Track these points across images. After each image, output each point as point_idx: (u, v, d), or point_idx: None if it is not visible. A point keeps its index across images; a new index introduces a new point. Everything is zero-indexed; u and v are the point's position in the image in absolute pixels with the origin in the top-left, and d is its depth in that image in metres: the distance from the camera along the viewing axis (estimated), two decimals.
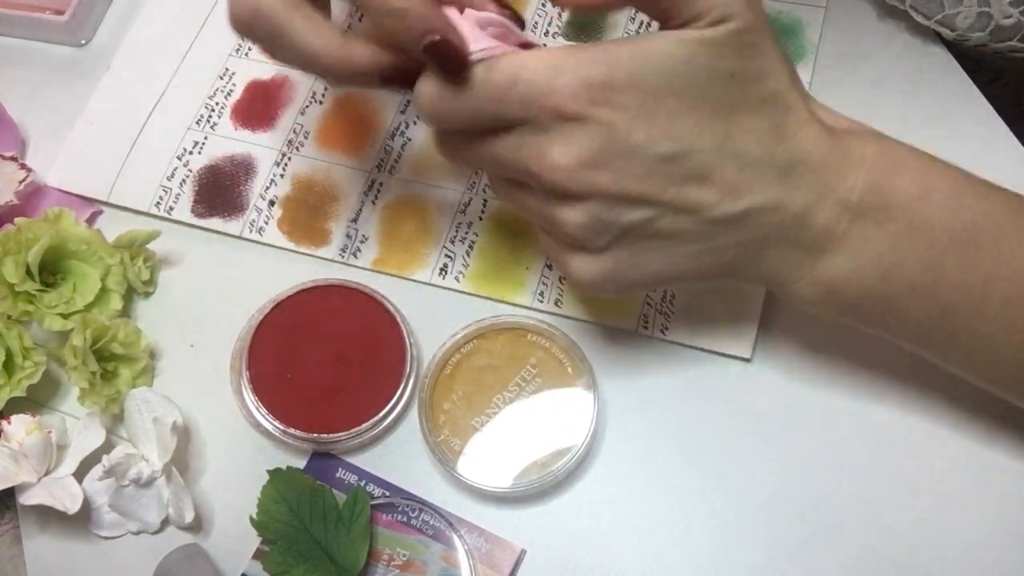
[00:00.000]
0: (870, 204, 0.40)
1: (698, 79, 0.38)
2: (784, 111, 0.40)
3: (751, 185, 0.40)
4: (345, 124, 0.60)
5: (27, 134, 0.63)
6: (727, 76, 0.39)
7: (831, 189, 0.40)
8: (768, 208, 0.40)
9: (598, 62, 0.38)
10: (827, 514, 0.48)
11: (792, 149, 0.40)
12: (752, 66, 0.39)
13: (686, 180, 0.40)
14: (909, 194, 0.40)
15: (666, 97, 0.38)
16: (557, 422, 0.49)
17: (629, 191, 0.39)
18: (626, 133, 0.38)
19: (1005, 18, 0.52)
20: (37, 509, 0.49)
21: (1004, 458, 0.48)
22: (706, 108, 0.39)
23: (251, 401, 0.51)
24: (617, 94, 0.38)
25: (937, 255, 0.40)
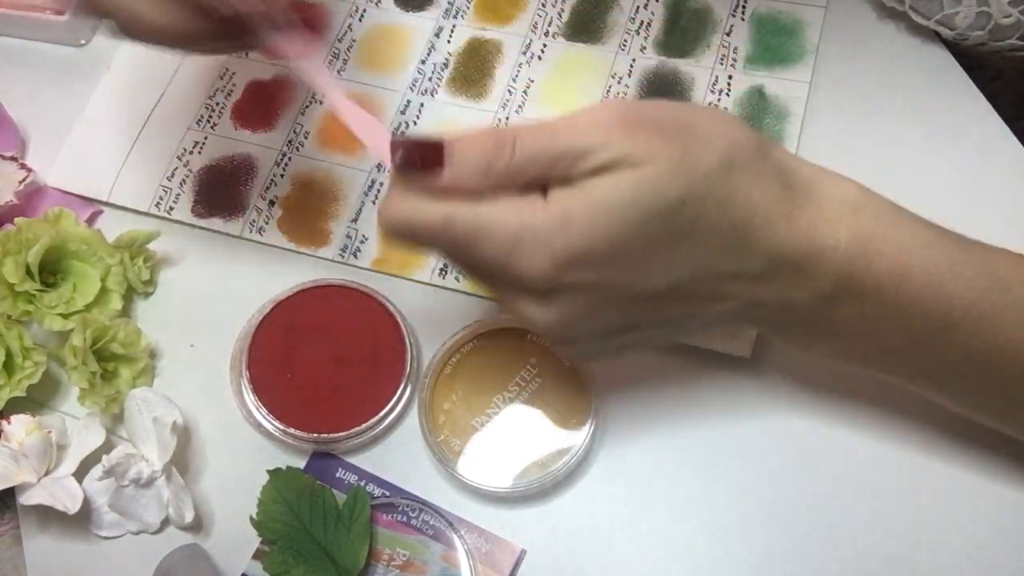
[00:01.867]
0: (843, 292, 0.40)
1: (651, 221, 0.37)
2: (750, 212, 0.38)
3: (725, 294, 0.40)
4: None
5: (27, 134, 0.63)
6: (679, 203, 0.37)
7: (805, 281, 0.40)
8: (744, 307, 0.40)
9: (558, 229, 0.37)
10: (827, 514, 0.48)
11: (762, 254, 0.39)
12: (700, 185, 0.37)
13: (662, 304, 0.40)
14: (883, 281, 0.39)
15: (629, 246, 0.37)
16: (557, 422, 0.49)
17: (613, 326, 0.40)
18: (600, 289, 0.38)
19: (1004, 17, 0.52)
20: (37, 509, 0.49)
21: (1004, 458, 0.48)
22: (669, 241, 0.37)
23: (251, 401, 0.51)
24: (584, 260, 0.37)
25: (913, 334, 0.41)
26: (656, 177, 0.36)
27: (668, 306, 0.40)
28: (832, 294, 0.40)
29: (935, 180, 0.55)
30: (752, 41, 0.60)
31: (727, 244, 0.38)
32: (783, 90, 0.58)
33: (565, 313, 0.39)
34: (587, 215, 0.36)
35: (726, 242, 0.38)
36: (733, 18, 0.61)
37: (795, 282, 0.39)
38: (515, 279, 0.38)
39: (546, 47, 0.62)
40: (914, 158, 0.56)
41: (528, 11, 0.63)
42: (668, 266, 0.38)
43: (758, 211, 0.38)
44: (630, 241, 0.37)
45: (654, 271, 0.38)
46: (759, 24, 0.60)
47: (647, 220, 0.36)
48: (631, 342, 0.42)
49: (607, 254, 0.37)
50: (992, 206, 0.54)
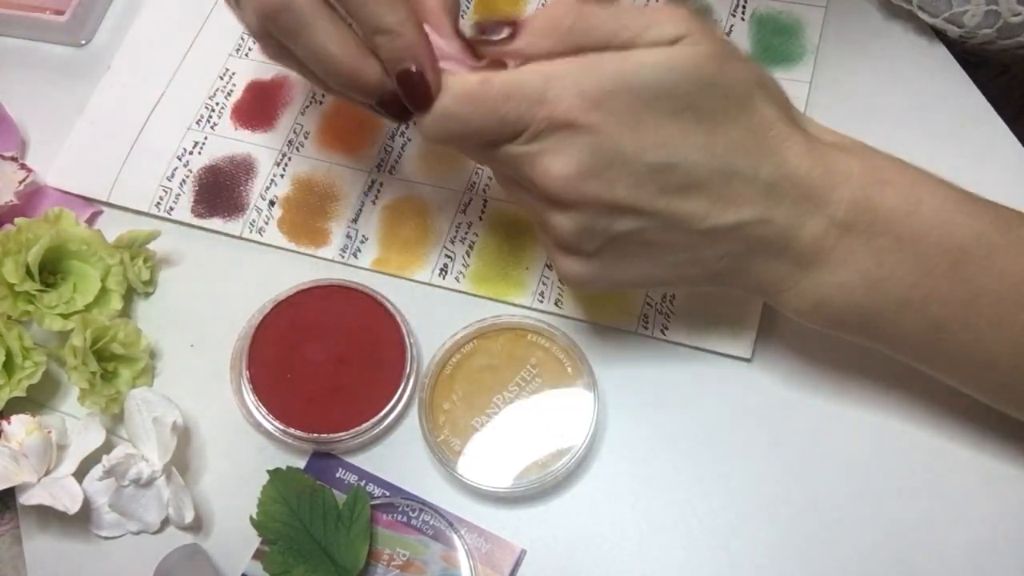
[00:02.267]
0: (856, 220, 0.40)
1: (681, 86, 0.39)
2: (767, 125, 0.40)
3: (737, 199, 0.40)
4: (345, 124, 0.60)
5: (27, 134, 0.63)
6: (709, 84, 0.39)
7: (816, 205, 0.40)
8: (754, 222, 0.41)
9: (588, 72, 0.39)
10: (827, 514, 0.48)
11: (776, 164, 0.40)
12: (731, 77, 0.40)
13: (675, 191, 0.40)
14: (896, 210, 0.40)
15: (652, 105, 0.39)
16: (557, 422, 0.50)
17: (619, 200, 0.40)
18: (616, 142, 0.39)
19: (1013, 16, 0.52)
20: (37, 509, 0.49)
21: (1003, 458, 0.48)
22: (691, 117, 0.39)
23: (251, 401, 0.51)
24: (607, 104, 0.39)
25: (925, 270, 0.40)
26: (697, 55, 0.39)
27: (680, 197, 0.40)
28: (844, 221, 0.40)
29: None
30: (752, 41, 0.60)
31: (744, 142, 0.40)
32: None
33: (579, 157, 0.39)
34: (619, 65, 0.39)
35: (745, 140, 0.40)
36: (733, 18, 0.61)
37: (808, 203, 0.40)
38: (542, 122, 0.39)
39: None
40: (914, 158, 0.55)
41: (528, 11, 0.63)
42: (687, 141, 0.39)
43: (777, 125, 0.40)
44: (657, 100, 0.39)
45: (673, 141, 0.39)
46: (759, 24, 0.60)
47: (676, 85, 0.39)
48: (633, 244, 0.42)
49: (631, 105, 0.39)
50: None
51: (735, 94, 0.40)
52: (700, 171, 0.40)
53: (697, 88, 0.39)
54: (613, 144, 0.39)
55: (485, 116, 0.40)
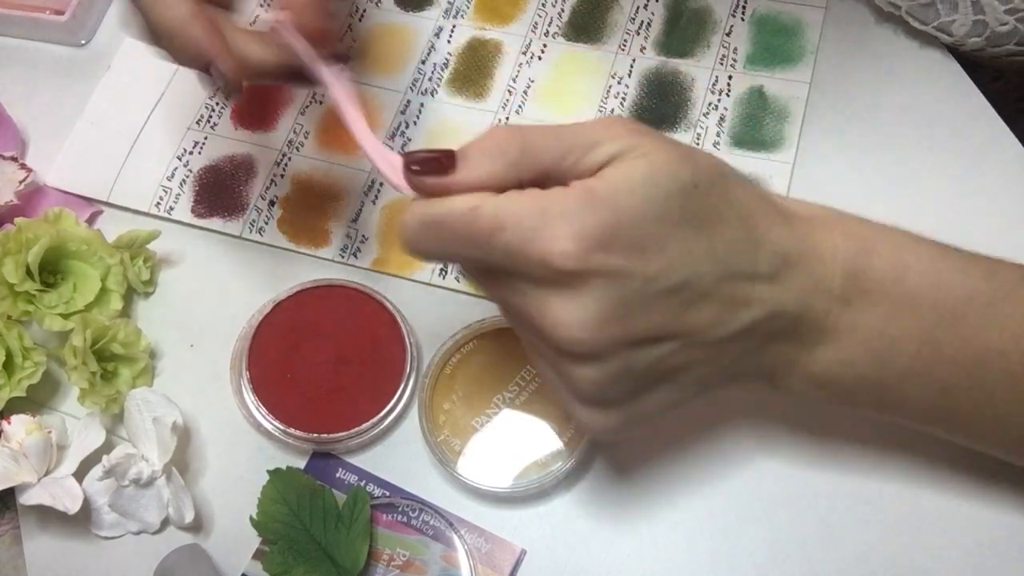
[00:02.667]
0: (851, 292, 0.40)
1: (670, 199, 0.37)
2: (750, 212, 0.39)
3: (748, 298, 0.39)
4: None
5: (27, 134, 0.63)
6: (692, 187, 0.37)
7: (816, 282, 0.40)
8: (768, 317, 0.40)
9: (582, 205, 0.37)
10: (827, 514, 0.48)
11: (771, 253, 0.39)
12: (705, 171, 0.38)
13: (689, 307, 0.38)
14: (886, 277, 0.40)
15: (651, 228, 0.37)
16: (557, 422, 0.49)
17: (639, 334, 0.38)
18: (628, 279, 0.37)
19: (1001, 25, 0.52)
20: (37, 509, 0.49)
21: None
22: (687, 229, 0.38)
23: (251, 401, 0.51)
24: (609, 238, 0.37)
25: (926, 334, 0.40)
26: (668, 162, 0.38)
27: (695, 311, 0.38)
28: (842, 295, 0.40)
29: (935, 180, 0.55)
30: (752, 41, 0.60)
31: (738, 237, 0.39)
32: (783, 90, 0.58)
33: (594, 305, 0.37)
34: (610, 193, 0.37)
35: (737, 235, 0.39)
36: (733, 18, 0.61)
37: (807, 283, 0.40)
38: (539, 265, 0.37)
39: (546, 47, 0.62)
40: (914, 158, 0.56)
41: (528, 11, 0.63)
42: (690, 253, 0.38)
43: (757, 212, 0.39)
44: (653, 221, 0.37)
45: (677, 258, 0.38)
46: (759, 24, 0.60)
47: (667, 198, 0.37)
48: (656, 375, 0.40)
49: (631, 234, 0.37)
50: (992, 206, 0.54)
51: (715, 189, 0.38)
52: (708, 280, 0.38)
53: (684, 195, 0.37)
54: (624, 282, 0.37)
55: (468, 245, 0.38)
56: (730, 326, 0.39)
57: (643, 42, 0.61)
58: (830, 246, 0.40)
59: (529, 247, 0.36)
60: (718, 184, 0.39)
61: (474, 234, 0.37)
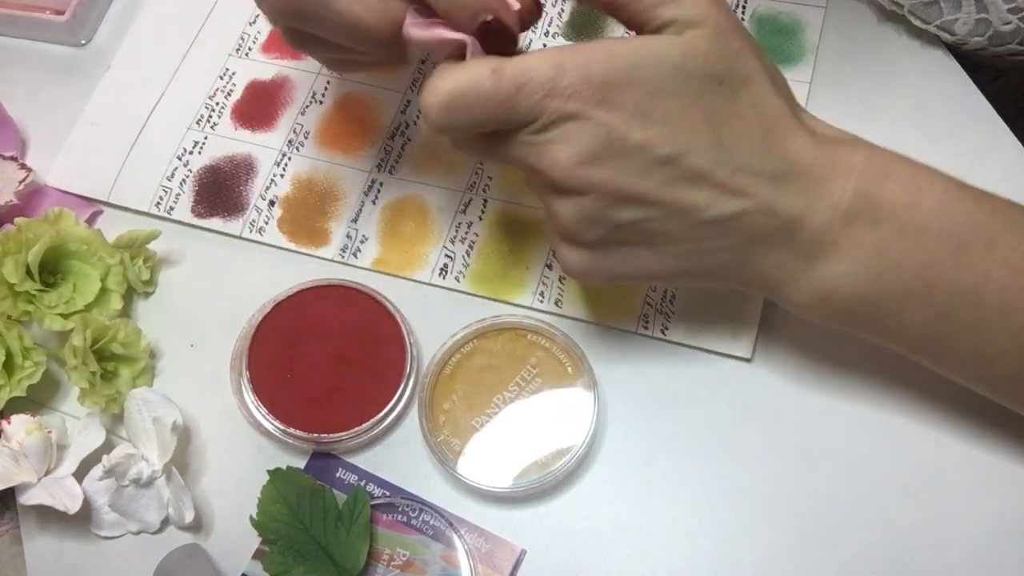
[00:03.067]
0: (859, 211, 0.41)
1: (691, 82, 0.39)
2: (773, 118, 0.41)
3: (743, 189, 0.41)
4: (345, 124, 0.60)
5: (27, 134, 0.63)
6: (716, 80, 0.40)
7: (820, 196, 0.41)
8: (758, 212, 0.41)
9: (598, 61, 0.39)
10: (827, 514, 0.48)
11: (781, 156, 0.41)
12: (739, 71, 0.40)
13: (679, 182, 0.40)
14: (898, 200, 0.41)
15: (662, 98, 0.39)
16: (557, 422, 0.49)
17: (624, 190, 0.40)
18: (624, 133, 0.39)
19: (1004, 24, 0.52)
20: (37, 509, 0.49)
21: (1003, 458, 0.48)
22: (699, 111, 0.40)
23: (251, 401, 0.51)
24: (616, 93, 0.39)
25: (929, 260, 0.41)
26: (706, 50, 0.39)
27: (684, 187, 0.40)
28: (848, 211, 0.40)
29: None
30: None
31: (751, 135, 0.40)
32: None
33: (584, 144, 0.39)
34: (629, 56, 0.39)
35: (751, 133, 0.40)
36: None
37: (812, 193, 0.41)
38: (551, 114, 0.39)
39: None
40: (914, 158, 0.56)
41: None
42: (693, 133, 0.40)
43: (783, 118, 0.41)
44: (665, 92, 0.39)
45: (679, 134, 0.39)
46: (759, 24, 0.60)
47: (686, 81, 0.39)
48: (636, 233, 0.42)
49: (639, 97, 0.39)
50: None
51: (744, 88, 0.40)
52: (706, 162, 0.40)
53: (706, 84, 0.39)
54: (621, 135, 0.39)
55: (496, 107, 0.40)
56: (714, 211, 0.41)
57: None
58: (847, 164, 0.41)
59: (545, 101, 0.39)
60: (746, 87, 0.40)
61: (497, 94, 0.39)
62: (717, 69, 0.40)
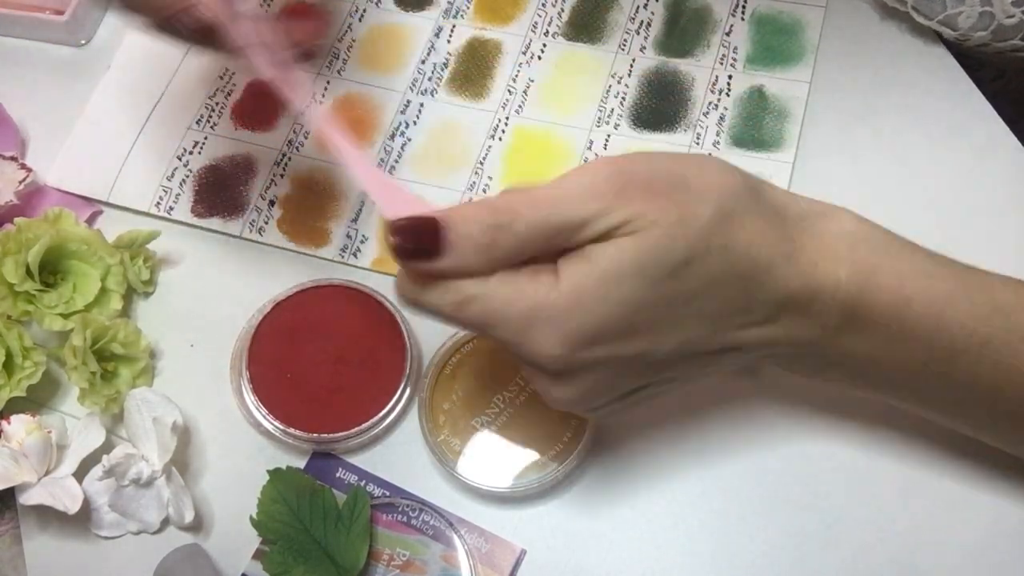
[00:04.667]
0: (848, 324, 0.40)
1: (661, 283, 0.37)
2: (749, 266, 0.38)
3: (738, 343, 0.40)
4: (345, 124, 0.60)
5: (27, 134, 0.63)
6: (684, 264, 0.37)
7: (811, 319, 0.40)
8: (755, 350, 0.41)
9: (572, 313, 0.37)
10: (827, 514, 0.48)
11: (768, 303, 0.39)
12: (697, 242, 0.37)
13: (677, 363, 0.40)
14: (884, 314, 0.40)
15: (642, 314, 0.37)
16: (557, 422, 0.49)
17: (630, 386, 0.41)
18: (617, 366, 0.39)
19: (1008, 18, 0.52)
20: (37, 509, 0.49)
21: (1004, 458, 0.48)
22: (679, 303, 0.38)
23: (251, 401, 0.51)
24: (596, 336, 0.37)
25: (917, 366, 0.41)
26: (658, 241, 0.36)
27: (684, 364, 0.40)
28: (838, 326, 0.40)
29: (936, 181, 0.55)
30: (752, 41, 0.60)
31: (734, 295, 0.38)
32: (783, 90, 0.58)
33: (582, 390, 0.39)
34: (598, 292, 0.37)
35: (734, 293, 0.38)
36: (733, 18, 0.61)
37: (802, 321, 0.40)
38: (530, 358, 0.39)
39: (546, 47, 0.62)
40: (914, 158, 0.56)
41: (528, 11, 0.63)
42: (681, 328, 0.38)
43: (760, 259, 0.38)
44: (642, 310, 0.37)
45: (668, 335, 0.38)
46: (759, 24, 0.60)
47: (656, 284, 0.37)
48: (647, 397, 0.42)
49: (621, 329, 0.37)
50: (993, 207, 0.54)
51: (712, 255, 0.37)
52: (698, 343, 0.39)
53: (674, 276, 0.37)
54: (612, 366, 0.38)
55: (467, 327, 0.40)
56: (717, 367, 0.41)
57: (643, 42, 0.61)
58: (832, 281, 0.39)
59: (519, 345, 0.38)
60: (717, 243, 0.37)
61: (469, 323, 0.39)
62: (676, 255, 0.36)
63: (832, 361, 0.42)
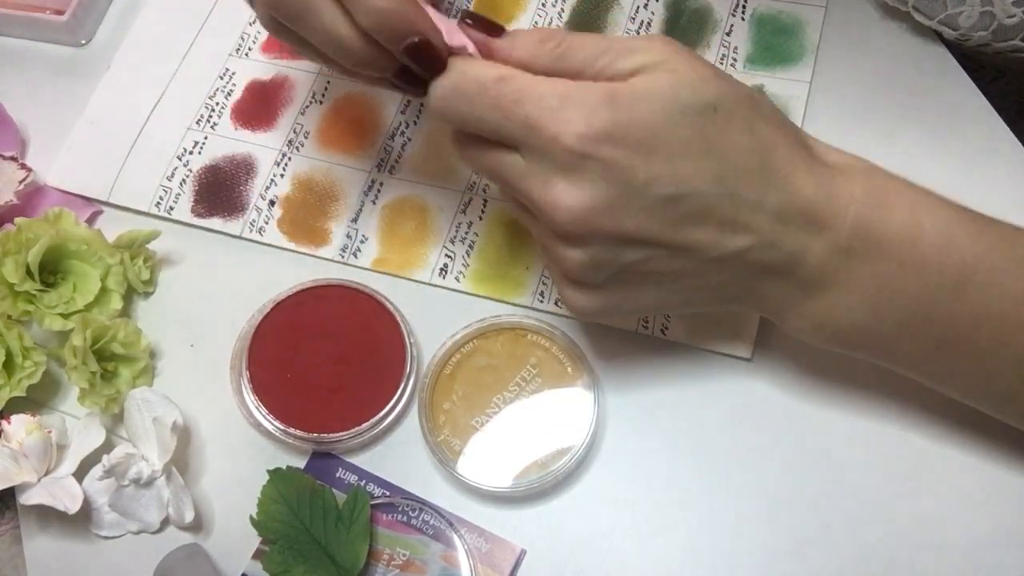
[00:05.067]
0: (859, 244, 0.40)
1: (687, 114, 0.39)
2: (770, 145, 0.40)
3: (745, 226, 0.40)
4: (345, 124, 0.60)
5: (27, 134, 0.63)
6: (711, 107, 0.39)
7: (820, 229, 0.40)
8: (760, 248, 0.41)
9: (602, 101, 0.39)
10: (827, 514, 0.48)
11: (782, 191, 0.40)
12: (729, 94, 0.40)
13: (683, 221, 0.40)
14: (898, 234, 0.40)
15: (663, 137, 0.39)
16: (557, 422, 0.49)
17: (628, 233, 0.40)
18: (628, 176, 0.39)
19: (1008, 17, 0.52)
20: (37, 509, 0.49)
21: (1003, 458, 0.48)
22: (697, 144, 0.39)
23: (251, 401, 0.51)
24: (618, 135, 0.39)
25: (927, 293, 0.41)
26: (692, 80, 0.39)
27: (689, 227, 0.40)
28: (847, 246, 0.40)
29: (936, 181, 0.54)
30: (752, 41, 0.60)
31: (751, 167, 0.40)
32: (783, 90, 0.58)
33: (591, 192, 0.39)
34: (630, 99, 0.39)
35: (750, 165, 0.40)
36: (733, 18, 0.61)
37: (812, 229, 0.40)
38: (549, 142, 0.39)
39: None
40: (914, 159, 0.56)
41: (528, 11, 0.63)
42: (695, 170, 0.39)
43: (779, 149, 0.41)
44: (666, 130, 0.39)
45: (682, 171, 0.39)
46: (759, 24, 0.60)
47: (683, 114, 0.39)
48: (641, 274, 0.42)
49: (642, 137, 0.39)
50: (993, 207, 0.54)
51: (737, 117, 0.40)
52: (709, 200, 0.40)
53: (703, 113, 0.39)
54: (625, 178, 0.39)
55: (492, 109, 0.40)
56: (721, 248, 0.41)
57: None
58: (846, 197, 0.40)
59: (545, 122, 0.39)
60: (741, 113, 0.40)
61: (499, 99, 0.40)
62: (708, 96, 0.39)
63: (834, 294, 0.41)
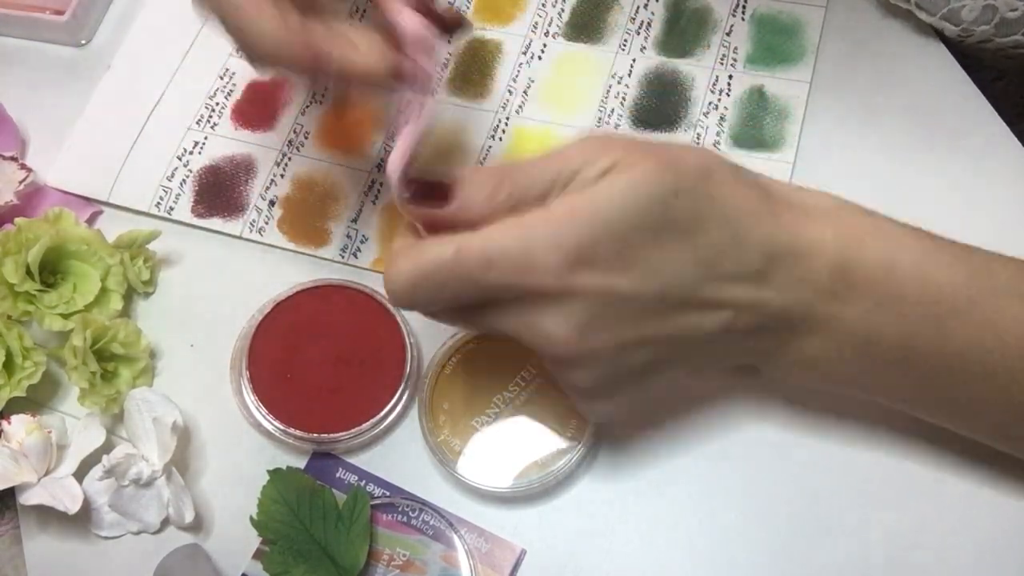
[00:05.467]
0: (837, 288, 0.40)
1: (651, 209, 0.38)
2: (738, 217, 0.40)
3: (729, 300, 0.40)
4: (345, 124, 0.60)
5: (27, 134, 0.63)
6: (673, 195, 0.38)
7: (801, 276, 0.40)
8: (747, 314, 0.41)
9: (565, 227, 0.38)
10: (827, 515, 0.48)
11: (756, 252, 0.40)
12: (688, 171, 0.39)
13: (675, 310, 0.40)
14: (873, 272, 0.40)
15: (632, 240, 0.38)
16: (557, 422, 0.49)
17: (628, 341, 0.40)
18: (613, 293, 0.39)
19: (1011, 11, 0.52)
20: (37, 509, 0.49)
21: (1003, 459, 0.48)
22: (669, 237, 0.39)
23: (251, 401, 0.51)
24: (590, 255, 0.38)
25: (909, 330, 0.41)
26: (647, 174, 0.38)
27: (681, 314, 0.40)
28: (827, 289, 0.40)
29: (935, 181, 0.55)
30: (752, 41, 0.60)
31: (722, 239, 0.39)
32: (783, 90, 0.58)
33: (580, 318, 0.39)
34: (589, 208, 0.38)
35: (722, 237, 0.39)
36: (733, 18, 0.61)
37: (792, 278, 0.40)
38: (528, 291, 0.39)
39: (546, 47, 0.62)
40: (914, 159, 0.56)
41: (528, 11, 0.63)
42: (674, 261, 0.39)
43: (744, 209, 0.40)
44: (633, 233, 0.38)
45: (661, 267, 0.39)
46: (759, 24, 0.60)
47: (647, 210, 0.38)
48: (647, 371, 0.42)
49: (614, 247, 0.38)
50: (993, 208, 0.54)
51: (699, 193, 0.39)
52: (694, 285, 0.39)
53: (664, 204, 0.38)
54: (610, 297, 0.39)
55: (463, 286, 0.40)
56: (712, 326, 0.41)
57: (643, 42, 0.61)
58: (819, 240, 0.40)
59: (518, 277, 0.38)
60: (702, 187, 0.39)
61: (466, 274, 0.39)
62: (667, 184, 0.38)
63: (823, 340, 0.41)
